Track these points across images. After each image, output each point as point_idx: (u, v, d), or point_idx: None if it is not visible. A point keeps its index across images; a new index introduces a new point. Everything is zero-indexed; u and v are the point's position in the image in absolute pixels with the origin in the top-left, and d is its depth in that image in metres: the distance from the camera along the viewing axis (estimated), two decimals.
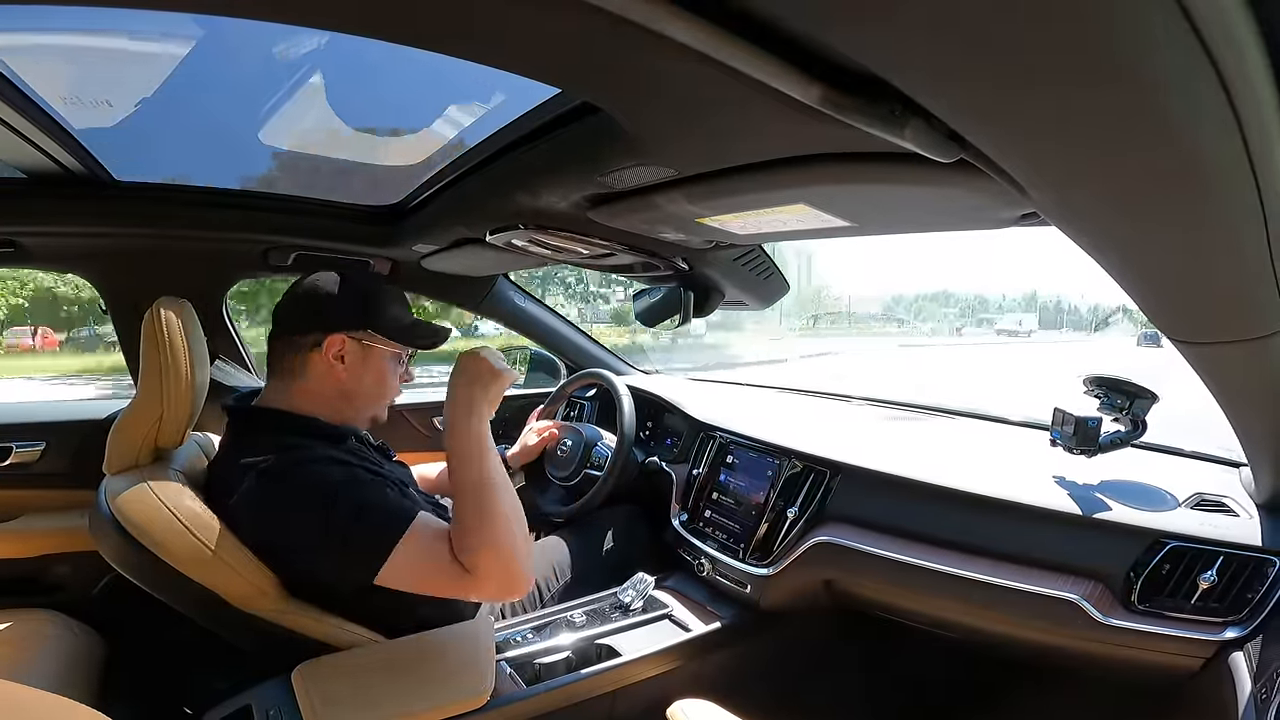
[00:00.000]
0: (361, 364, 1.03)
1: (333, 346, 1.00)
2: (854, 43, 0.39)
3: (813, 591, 1.28)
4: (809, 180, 0.72)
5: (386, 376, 1.06)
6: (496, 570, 0.88)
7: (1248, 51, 0.32)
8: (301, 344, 1.01)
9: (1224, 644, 0.89)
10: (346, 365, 1.01)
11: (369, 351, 1.03)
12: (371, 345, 1.03)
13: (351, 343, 1.01)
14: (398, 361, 1.08)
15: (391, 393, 1.09)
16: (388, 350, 1.05)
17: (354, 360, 1.02)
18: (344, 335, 1.00)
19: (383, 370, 1.05)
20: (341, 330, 1.00)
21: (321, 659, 0.93)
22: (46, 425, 1.47)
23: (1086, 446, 1.06)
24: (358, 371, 1.02)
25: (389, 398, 1.09)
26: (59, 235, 1.33)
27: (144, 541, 0.88)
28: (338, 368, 1.01)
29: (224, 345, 1.55)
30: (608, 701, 1.13)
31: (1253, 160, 0.39)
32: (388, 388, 1.07)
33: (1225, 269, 0.54)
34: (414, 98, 1.04)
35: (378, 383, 1.05)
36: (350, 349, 1.01)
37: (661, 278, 1.45)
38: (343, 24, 0.54)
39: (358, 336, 1.01)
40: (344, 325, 1.00)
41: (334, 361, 1.00)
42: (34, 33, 0.82)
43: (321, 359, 1.00)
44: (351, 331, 1.01)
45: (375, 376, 1.05)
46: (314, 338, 1.00)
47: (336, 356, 1.00)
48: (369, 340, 1.02)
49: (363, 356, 1.03)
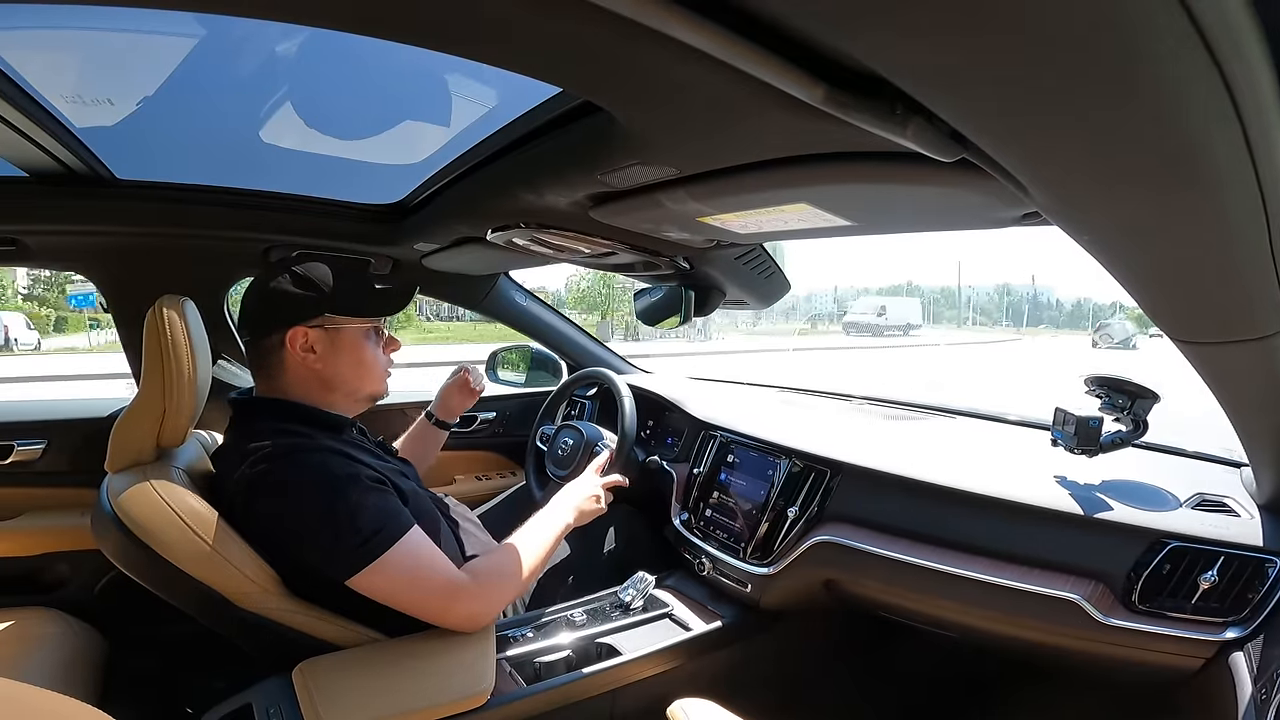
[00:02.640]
0: (332, 349, 1.02)
1: (296, 340, 1.00)
2: (857, 43, 0.39)
3: (813, 591, 1.28)
4: (810, 179, 0.72)
5: (362, 354, 1.05)
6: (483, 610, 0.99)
7: (1250, 50, 0.32)
8: (268, 345, 1.01)
9: (1224, 644, 0.89)
10: (319, 354, 1.01)
11: (336, 335, 1.02)
12: (335, 328, 1.02)
13: (314, 331, 1.01)
14: (373, 335, 1.08)
15: (376, 367, 1.08)
16: (355, 328, 1.04)
17: (324, 348, 1.01)
18: (304, 327, 1.00)
19: (358, 349, 1.05)
20: (299, 322, 1.00)
21: (322, 657, 0.93)
22: (47, 424, 1.48)
23: (1087, 446, 1.06)
24: (331, 358, 1.02)
25: (376, 372, 1.09)
26: (61, 234, 1.33)
27: (145, 539, 0.89)
28: (310, 359, 1.01)
29: (225, 343, 1.56)
30: (608, 700, 1.13)
31: (1255, 159, 0.39)
32: (369, 364, 1.07)
33: (1227, 269, 0.54)
34: (414, 97, 1.04)
35: (357, 363, 1.05)
36: (315, 337, 1.01)
37: (663, 276, 1.45)
38: (344, 23, 0.54)
39: (318, 323, 1.01)
40: (300, 316, 1.00)
41: (304, 354, 1.00)
42: (36, 31, 0.82)
43: (292, 355, 1.00)
44: (310, 321, 1.00)
45: (351, 357, 1.04)
46: (277, 337, 1.00)
47: (305, 349, 1.00)
48: (331, 324, 1.02)
49: (331, 341, 1.02)
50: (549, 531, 1.13)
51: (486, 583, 1.00)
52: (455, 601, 0.95)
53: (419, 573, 0.93)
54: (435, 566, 0.95)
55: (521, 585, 1.04)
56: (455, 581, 0.96)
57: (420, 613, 0.95)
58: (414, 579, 0.93)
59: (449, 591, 0.95)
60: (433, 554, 0.95)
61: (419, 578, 0.93)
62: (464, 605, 0.96)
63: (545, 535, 1.12)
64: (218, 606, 0.90)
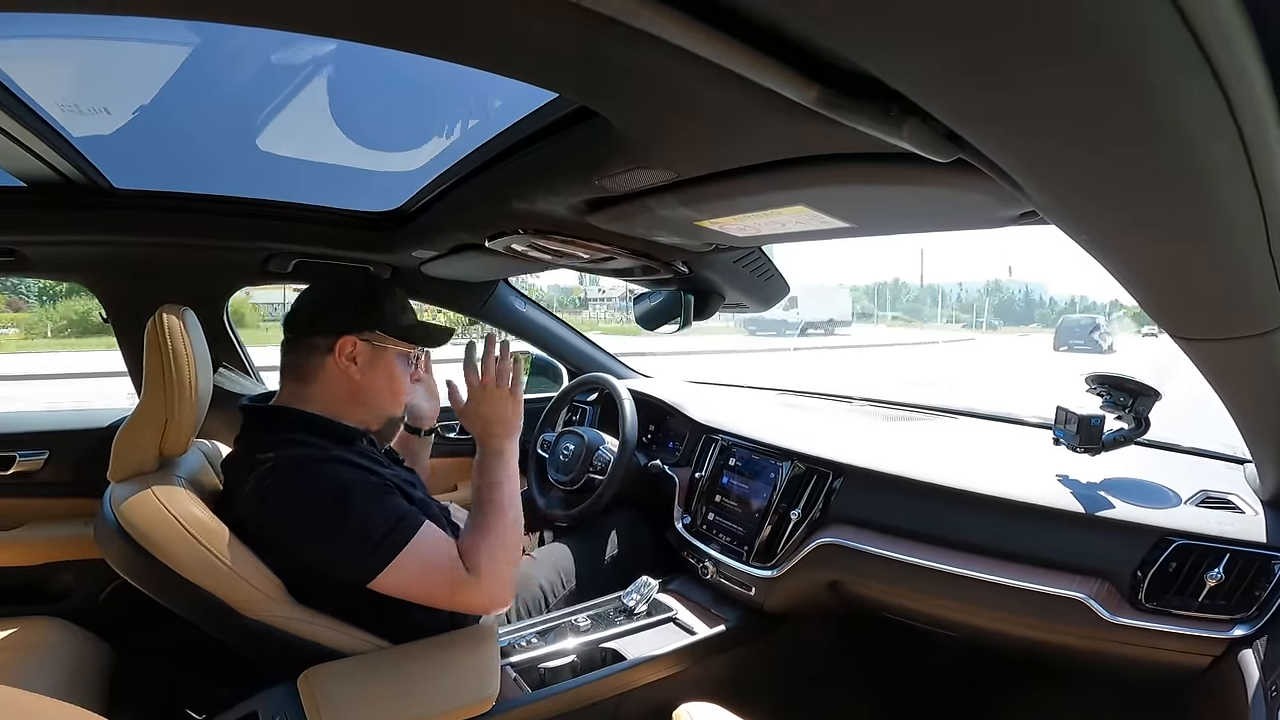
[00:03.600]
0: (372, 364, 1.05)
1: (345, 348, 1.02)
2: (851, 44, 0.39)
3: (817, 593, 1.28)
4: (807, 182, 0.72)
5: (397, 376, 1.08)
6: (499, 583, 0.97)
7: (1242, 48, 0.32)
8: (314, 347, 1.03)
9: (1232, 641, 0.89)
10: (359, 366, 1.04)
11: (379, 352, 1.05)
12: (382, 346, 1.05)
13: (362, 344, 1.03)
14: (406, 361, 1.10)
15: (403, 392, 1.11)
16: (396, 350, 1.07)
17: (365, 361, 1.04)
18: (354, 337, 1.02)
19: (393, 370, 1.07)
20: (352, 332, 1.02)
21: (327, 664, 0.93)
22: (49, 434, 1.48)
23: (1090, 445, 1.05)
24: (369, 372, 1.05)
25: (400, 396, 1.11)
26: (59, 244, 1.33)
27: (149, 548, 0.89)
28: (350, 369, 1.03)
29: (225, 352, 1.56)
30: (613, 705, 1.12)
31: (1250, 155, 0.39)
32: (399, 387, 1.09)
33: (1225, 265, 0.53)
34: (411, 104, 1.04)
35: (389, 382, 1.07)
36: (361, 350, 1.03)
37: (661, 281, 1.45)
38: (340, 30, 0.54)
39: (368, 338, 1.03)
40: (354, 327, 1.03)
41: (347, 363, 1.03)
42: (32, 40, 0.82)
43: (334, 361, 1.02)
44: (361, 333, 1.03)
45: (386, 376, 1.07)
46: (326, 341, 1.02)
47: (349, 358, 1.03)
48: (379, 341, 1.04)
49: (373, 357, 1.05)
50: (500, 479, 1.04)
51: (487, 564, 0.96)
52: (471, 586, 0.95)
53: (437, 565, 0.94)
54: (451, 556, 0.96)
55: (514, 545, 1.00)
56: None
57: (444, 603, 0.96)
58: (432, 572, 0.94)
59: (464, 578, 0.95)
60: (448, 545, 0.96)
61: (437, 570, 0.94)
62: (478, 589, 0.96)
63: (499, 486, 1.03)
64: (222, 614, 0.90)
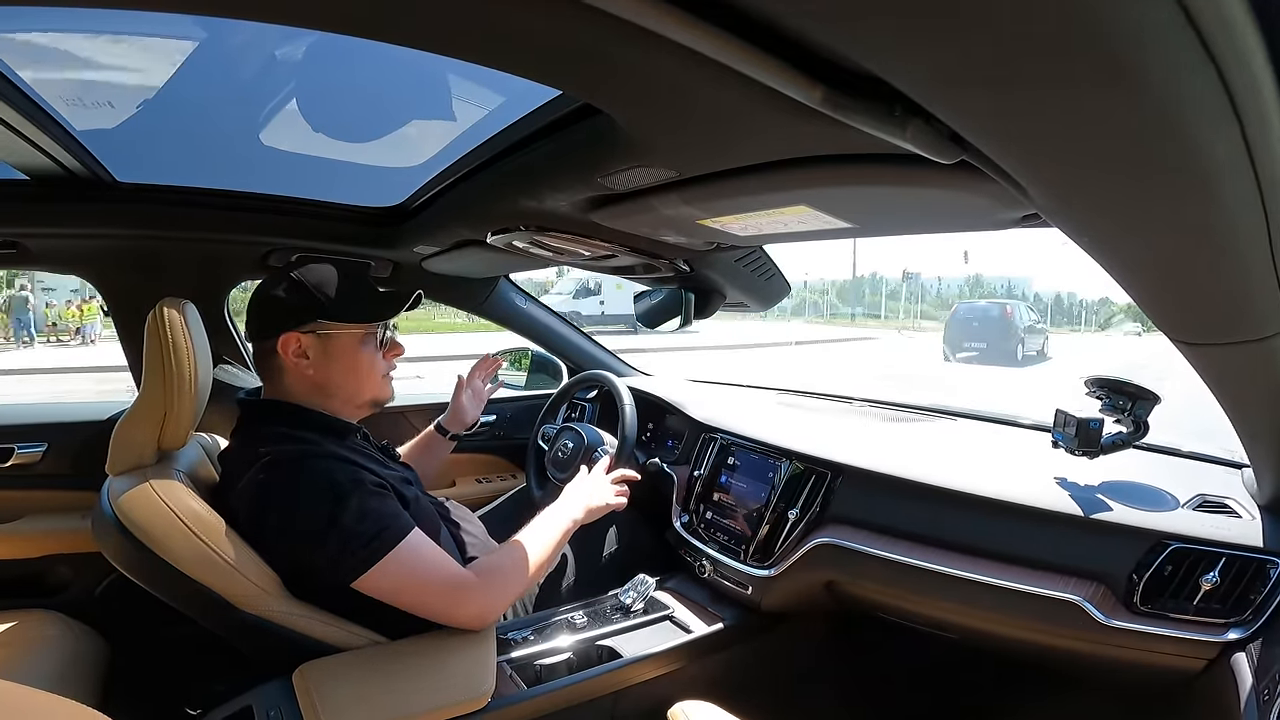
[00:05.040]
0: (324, 355, 1.02)
1: (288, 345, 1.00)
2: (855, 44, 0.39)
3: (814, 593, 1.28)
4: (810, 182, 0.72)
5: (358, 360, 1.05)
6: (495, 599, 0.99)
7: (1247, 47, 0.32)
8: (265, 349, 1.02)
9: (1226, 645, 0.89)
10: (311, 360, 1.01)
11: (328, 340, 1.02)
12: (328, 334, 1.02)
13: (306, 337, 1.01)
14: (370, 341, 1.07)
15: (374, 373, 1.08)
16: (349, 334, 1.04)
17: (316, 353, 1.02)
18: (295, 333, 1.00)
19: (352, 355, 1.04)
20: (290, 328, 1.00)
21: (323, 660, 0.93)
22: (47, 426, 1.48)
23: (1088, 448, 1.06)
24: (323, 363, 1.02)
25: (374, 379, 1.08)
26: (61, 236, 1.33)
27: (146, 542, 0.89)
28: (303, 364, 1.01)
29: (226, 346, 1.56)
30: (609, 703, 1.12)
31: (1254, 158, 0.39)
32: (364, 370, 1.06)
33: (1227, 269, 0.54)
34: (415, 100, 1.04)
35: (350, 369, 1.04)
36: (308, 343, 1.01)
37: (663, 279, 1.45)
38: (344, 26, 0.54)
39: (310, 329, 1.01)
40: (291, 323, 1.00)
41: (296, 359, 1.01)
42: (36, 34, 0.82)
43: (286, 359, 1.01)
44: (301, 327, 1.00)
45: (345, 363, 1.04)
46: (270, 343, 1.01)
47: (298, 354, 1.01)
48: (322, 330, 1.01)
49: (323, 348, 1.02)
50: (556, 528, 1.12)
51: (491, 579, 1.00)
52: (461, 599, 0.96)
53: (423, 572, 0.94)
54: (439, 565, 0.96)
55: (528, 580, 1.04)
56: (460, 579, 0.96)
57: (426, 611, 0.95)
58: (418, 578, 0.94)
59: (454, 589, 0.95)
60: (435, 554, 0.96)
61: (423, 577, 0.94)
62: (470, 602, 0.96)
63: (552, 531, 1.11)
64: (218, 608, 0.90)
